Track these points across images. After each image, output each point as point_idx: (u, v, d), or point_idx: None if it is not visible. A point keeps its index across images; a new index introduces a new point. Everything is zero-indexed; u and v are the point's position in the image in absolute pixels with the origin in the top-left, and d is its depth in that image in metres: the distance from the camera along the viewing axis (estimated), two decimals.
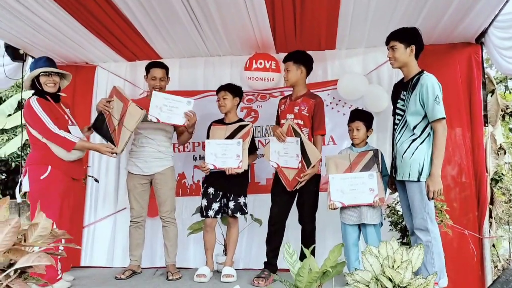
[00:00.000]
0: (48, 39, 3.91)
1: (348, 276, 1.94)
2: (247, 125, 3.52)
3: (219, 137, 3.49)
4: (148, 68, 3.62)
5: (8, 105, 6.61)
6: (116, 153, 3.31)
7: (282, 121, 3.45)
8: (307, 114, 3.38)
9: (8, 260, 1.98)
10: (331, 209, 3.20)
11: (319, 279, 1.75)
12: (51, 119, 3.19)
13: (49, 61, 3.38)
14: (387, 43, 2.98)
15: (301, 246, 2.13)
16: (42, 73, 3.28)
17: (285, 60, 3.48)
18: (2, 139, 10.07)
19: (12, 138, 9.10)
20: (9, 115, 6.69)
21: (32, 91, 3.38)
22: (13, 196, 9.27)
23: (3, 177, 9.49)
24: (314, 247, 2.23)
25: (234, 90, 3.60)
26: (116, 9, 3.41)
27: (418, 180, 2.80)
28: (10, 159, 9.08)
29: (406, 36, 2.91)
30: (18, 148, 8.53)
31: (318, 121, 3.39)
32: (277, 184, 3.43)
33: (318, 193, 3.44)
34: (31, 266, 1.97)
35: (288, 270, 3.54)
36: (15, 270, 1.95)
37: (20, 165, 9.50)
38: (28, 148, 9.19)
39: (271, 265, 3.38)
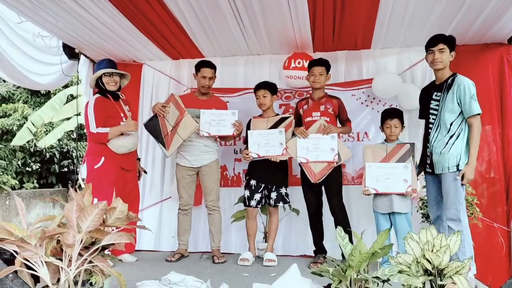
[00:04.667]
0: (102, 38, 4.22)
1: (391, 259, 2.17)
2: (289, 117, 3.76)
3: (260, 128, 3.72)
4: (198, 67, 3.86)
5: (57, 99, 7.01)
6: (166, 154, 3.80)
7: (308, 118, 3.75)
8: (332, 113, 3.72)
9: (90, 239, 2.28)
10: (365, 194, 3.43)
11: (368, 259, 1.98)
12: (98, 118, 3.53)
13: (110, 63, 3.74)
14: (434, 44, 3.17)
15: (351, 231, 2.37)
16: (104, 74, 3.61)
17: (316, 65, 3.74)
18: (41, 131, 10.54)
19: (50, 130, 9.56)
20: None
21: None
22: (48, 185, 9.68)
23: (37, 167, 9.96)
24: (350, 231, 2.49)
25: (272, 88, 3.82)
26: (167, 10, 3.66)
27: (457, 169, 3.07)
28: (44, 150, 9.53)
29: (452, 42, 3.19)
30: (58, 140, 9.01)
31: (346, 114, 3.82)
32: (306, 177, 3.65)
33: (342, 182, 3.75)
34: (112, 244, 2.28)
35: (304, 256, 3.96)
36: (98, 247, 2.24)
37: (54, 156, 9.97)
38: (65, 140, 9.60)
39: (322, 249, 3.71)
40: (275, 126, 3.72)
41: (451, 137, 3.11)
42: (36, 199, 9.08)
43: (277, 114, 3.90)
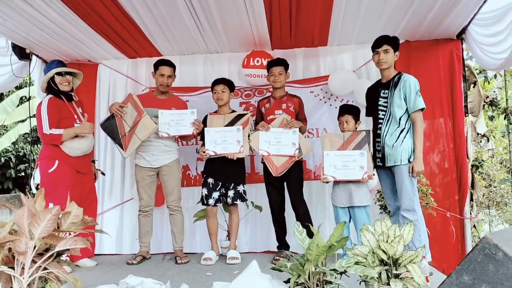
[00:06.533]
0: (54, 38, 4.09)
1: (348, 251, 2.23)
2: (246, 114, 3.78)
3: (217, 125, 3.71)
4: (157, 65, 3.81)
5: (9, 102, 6.74)
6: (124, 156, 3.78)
7: (270, 116, 3.81)
8: (293, 111, 3.81)
9: (45, 245, 2.21)
10: (324, 182, 3.49)
11: (325, 252, 2.02)
12: (51, 119, 3.43)
13: (61, 63, 3.64)
14: (379, 46, 3.30)
15: (308, 225, 2.40)
16: (56, 74, 3.51)
17: (275, 65, 3.81)
18: None
19: (3, 133, 9.16)
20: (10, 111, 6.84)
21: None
22: (4, 191, 9.31)
23: None
24: (308, 225, 2.51)
25: (230, 85, 3.84)
26: (121, 8, 3.60)
27: (409, 162, 3.19)
28: None
29: (397, 43, 3.33)
30: (12, 143, 8.65)
31: (304, 113, 3.91)
32: (268, 173, 3.69)
33: (303, 177, 3.81)
34: (67, 249, 2.22)
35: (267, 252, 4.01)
36: (52, 253, 2.18)
37: (10, 160, 9.61)
38: (21, 143, 9.22)
39: (284, 244, 3.76)
40: (232, 123, 3.72)
41: (402, 131, 3.23)
42: None
43: (234, 111, 3.89)
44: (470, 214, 4.28)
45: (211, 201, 3.72)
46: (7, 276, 2.02)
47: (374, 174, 3.58)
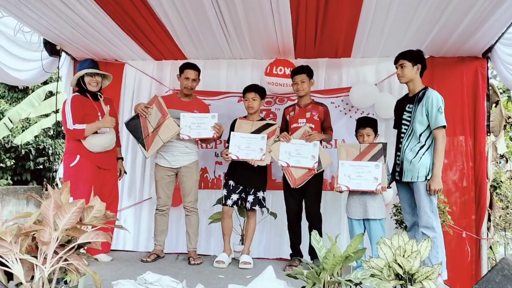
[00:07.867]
0: (84, 36, 4.20)
1: (364, 263, 2.23)
2: (274, 124, 3.79)
3: (244, 131, 3.74)
4: (182, 68, 3.87)
5: (36, 96, 6.93)
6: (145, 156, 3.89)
7: (294, 125, 3.81)
8: (318, 119, 3.80)
9: (67, 237, 2.27)
10: (338, 191, 3.50)
11: (341, 263, 2.03)
12: (74, 116, 3.52)
13: (93, 63, 3.74)
14: (396, 61, 3.35)
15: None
16: (86, 74, 3.61)
17: (297, 73, 3.82)
18: (17, 127, 10.36)
19: (27, 127, 9.38)
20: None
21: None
22: (22, 182, 9.54)
23: (12, 163, 9.76)
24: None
25: (262, 92, 3.85)
26: (152, 11, 3.69)
27: (426, 179, 3.18)
28: (20, 146, 9.35)
29: (414, 56, 3.32)
30: (35, 136, 8.86)
31: (329, 122, 3.91)
32: (288, 182, 3.72)
33: (321, 189, 3.80)
34: (88, 243, 2.27)
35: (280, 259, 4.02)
36: (73, 246, 2.24)
37: (30, 152, 9.83)
38: (41, 137, 9.44)
39: (298, 253, 3.76)
40: (259, 130, 3.74)
41: (421, 147, 3.23)
42: (10, 196, 8.90)
43: (262, 119, 3.93)
44: (487, 235, 4.23)
45: (229, 202, 3.76)
46: (29, 264, 2.07)
47: (389, 187, 3.58)
